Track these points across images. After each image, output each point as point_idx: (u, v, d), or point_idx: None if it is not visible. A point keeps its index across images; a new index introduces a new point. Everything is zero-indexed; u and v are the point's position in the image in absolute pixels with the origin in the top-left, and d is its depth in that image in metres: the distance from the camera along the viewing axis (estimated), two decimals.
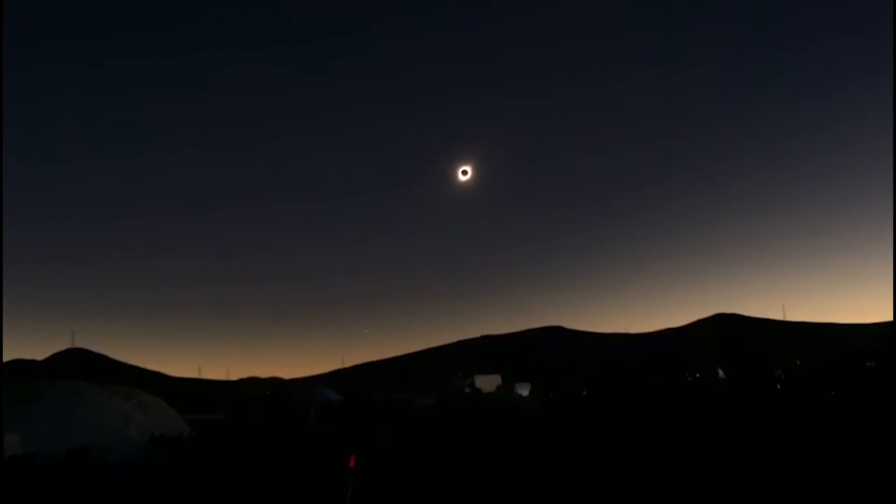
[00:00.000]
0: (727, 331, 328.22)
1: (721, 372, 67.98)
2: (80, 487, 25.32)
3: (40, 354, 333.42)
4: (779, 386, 45.34)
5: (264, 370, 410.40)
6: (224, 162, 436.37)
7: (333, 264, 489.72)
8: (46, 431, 42.24)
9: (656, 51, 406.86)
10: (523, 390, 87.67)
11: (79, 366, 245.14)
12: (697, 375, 66.82)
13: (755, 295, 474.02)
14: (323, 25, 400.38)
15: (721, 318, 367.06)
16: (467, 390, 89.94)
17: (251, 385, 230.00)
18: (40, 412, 44.71)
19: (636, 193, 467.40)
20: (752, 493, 11.36)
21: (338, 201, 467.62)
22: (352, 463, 18.08)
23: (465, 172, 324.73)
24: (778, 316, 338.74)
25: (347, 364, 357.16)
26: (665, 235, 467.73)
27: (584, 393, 73.86)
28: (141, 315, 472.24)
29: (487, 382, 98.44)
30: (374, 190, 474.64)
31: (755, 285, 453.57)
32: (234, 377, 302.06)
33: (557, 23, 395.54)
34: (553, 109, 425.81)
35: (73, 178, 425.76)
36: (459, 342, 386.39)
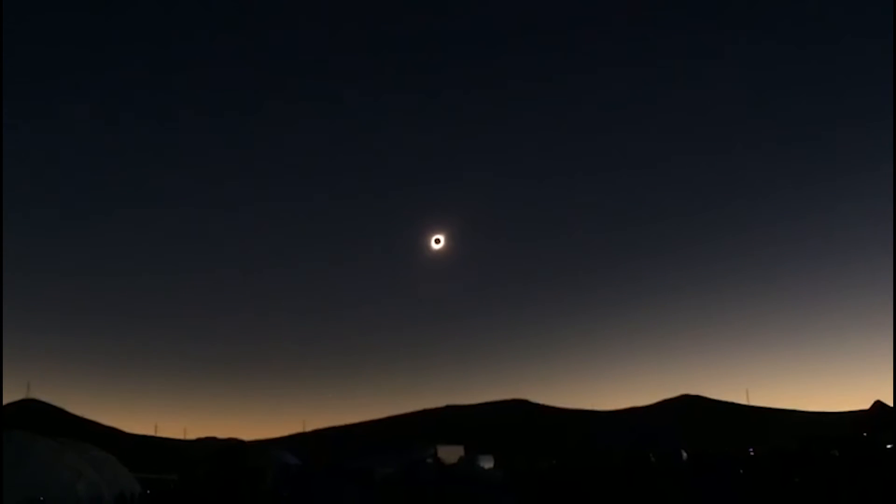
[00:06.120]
0: (692, 412, 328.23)
1: (684, 453, 67.85)
2: None
3: None
4: (741, 470, 45.35)
5: (223, 430, 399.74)
6: (192, 219, 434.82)
7: (297, 328, 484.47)
8: None
9: (642, 126, 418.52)
10: (486, 463, 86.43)
11: (33, 417, 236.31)
12: (657, 456, 66.62)
13: (720, 377, 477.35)
14: (295, 87, 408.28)
15: (686, 399, 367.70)
16: (429, 461, 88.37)
17: (208, 445, 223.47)
18: None
19: (603, 274, 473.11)
20: None
21: (305, 265, 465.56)
22: None
23: (437, 241, 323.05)
24: (742, 400, 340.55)
25: (309, 428, 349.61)
26: (632, 314, 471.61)
27: (548, 468, 73.14)
28: (100, 369, 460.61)
29: (450, 453, 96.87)
30: (343, 255, 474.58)
31: (720, 367, 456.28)
32: (191, 436, 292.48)
33: (526, 89, 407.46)
34: (526, 184, 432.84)
35: (36, 225, 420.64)
36: (423, 411, 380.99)
